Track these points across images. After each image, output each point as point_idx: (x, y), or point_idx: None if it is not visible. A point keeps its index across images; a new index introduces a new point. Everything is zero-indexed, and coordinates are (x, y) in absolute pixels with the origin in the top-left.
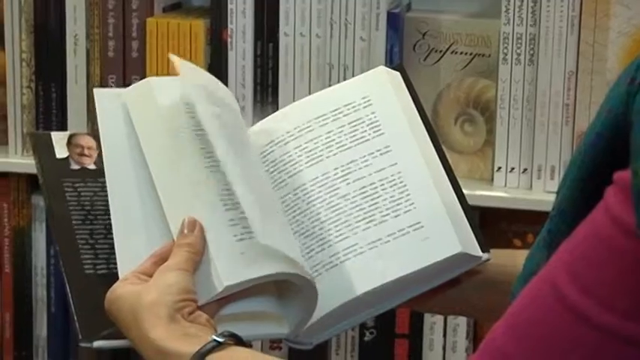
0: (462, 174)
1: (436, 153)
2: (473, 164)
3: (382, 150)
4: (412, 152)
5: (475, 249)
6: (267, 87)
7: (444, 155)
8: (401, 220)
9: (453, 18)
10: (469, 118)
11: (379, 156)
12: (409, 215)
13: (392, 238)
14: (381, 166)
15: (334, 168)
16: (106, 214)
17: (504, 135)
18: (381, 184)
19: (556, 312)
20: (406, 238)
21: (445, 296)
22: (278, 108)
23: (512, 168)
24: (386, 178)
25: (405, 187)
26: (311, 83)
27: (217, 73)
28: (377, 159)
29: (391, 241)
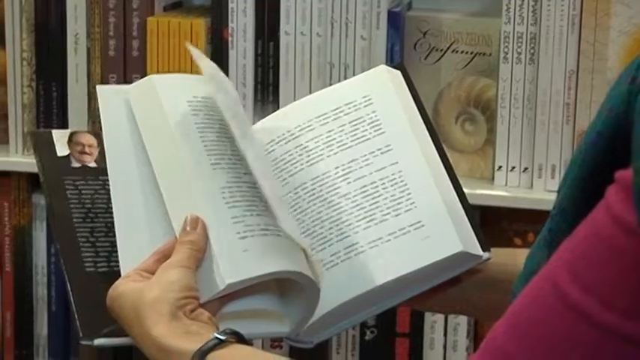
0: (463, 173)
1: (437, 152)
2: (473, 163)
3: (383, 149)
4: (413, 151)
5: (476, 248)
6: (267, 86)
7: (445, 154)
8: (402, 219)
9: (454, 17)
10: (470, 117)
11: (380, 155)
12: (410, 214)
13: (392, 237)
14: (382, 165)
15: (335, 167)
16: (107, 212)
17: (505, 134)
18: (382, 183)
19: (557, 311)
20: (407, 237)
21: (446, 295)
22: (279, 107)
23: (512, 167)
24: (387, 177)
25: (406, 186)
26: (312, 82)
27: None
28: (378, 158)
29: (392, 240)
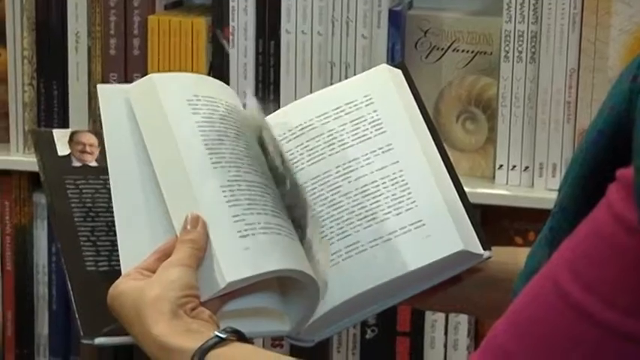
0: (464, 172)
1: (438, 151)
2: (474, 162)
3: (384, 148)
4: (414, 150)
5: (476, 247)
6: (268, 85)
7: (446, 153)
8: (402, 218)
9: (455, 16)
10: (471, 116)
11: (381, 154)
12: (411, 213)
13: (393, 236)
14: (383, 164)
15: (336, 166)
16: (108, 211)
17: (506, 133)
18: (383, 182)
19: (558, 309)
20: (408, 236)
21: (446, 294)
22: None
23: (513, 166)
24: (387, 176)
25: (407, 185)
26: (312, 81)
27: (219, 71)
28: (379, 157)
29: (393, 239)
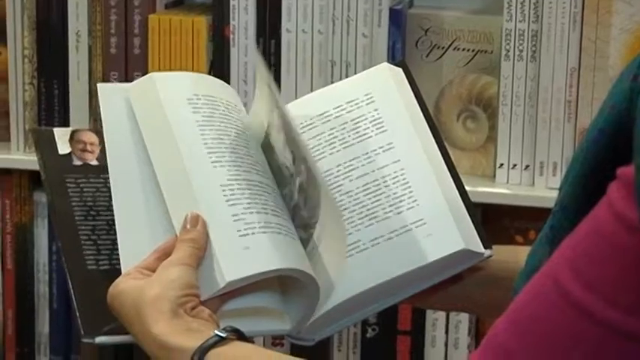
0: (465, 170)
1: (439, 150)
2: (475, 161)
3: (385, 147)
4: (415, 149)
5: (477, 245)
6: None
7: (447, 152)
8: (404, 217)
9: (456, 14)
10: (471, 115)
11: (382, 153)
12: (412, 212)
13: (395, 235)
14: (384, 163)
15: (337, 165)
16: (109, 210)
17: (506, 131)
18: (384, 181)
19: (559, 308)
20: (409, 235)
21: (447, 293)
22: None
23: (514, 164)
24: (388, 175)
25: (408, 184)
26: (313, 80)
27: (219, 70)
28: (380, 156)
29: (394, 238)
